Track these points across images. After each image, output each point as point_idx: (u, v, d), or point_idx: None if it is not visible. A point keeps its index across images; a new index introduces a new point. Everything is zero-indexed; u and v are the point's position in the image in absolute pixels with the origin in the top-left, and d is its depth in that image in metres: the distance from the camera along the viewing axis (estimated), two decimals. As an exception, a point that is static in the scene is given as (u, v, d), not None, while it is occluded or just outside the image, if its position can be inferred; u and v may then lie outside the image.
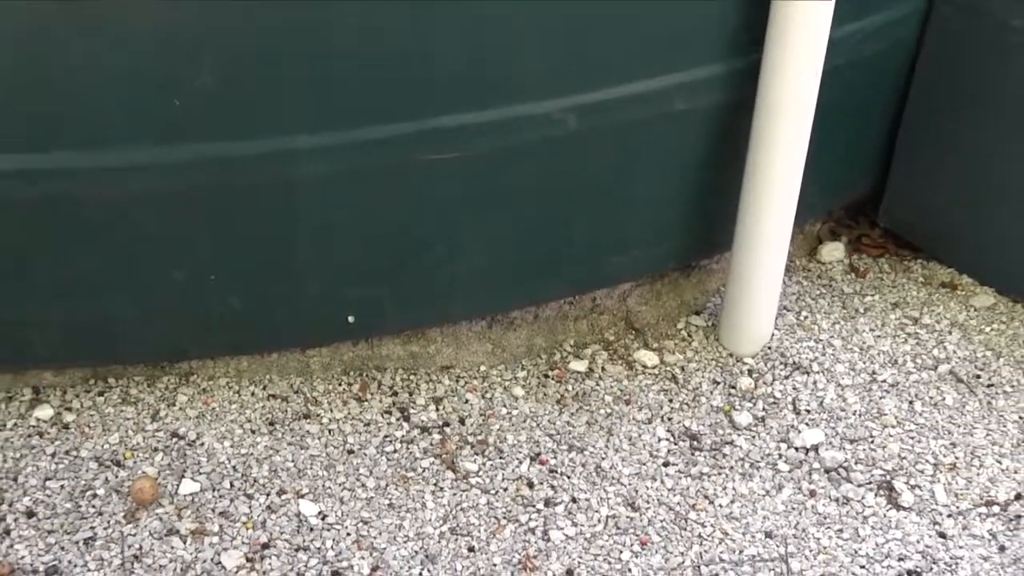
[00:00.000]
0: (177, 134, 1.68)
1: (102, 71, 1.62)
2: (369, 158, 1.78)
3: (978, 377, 2.07)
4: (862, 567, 1.75)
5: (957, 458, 1.93)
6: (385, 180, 1.81)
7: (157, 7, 1.57)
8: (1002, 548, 1.79)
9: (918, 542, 1.79)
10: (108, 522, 1.76)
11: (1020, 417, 2.00)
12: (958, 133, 2.11)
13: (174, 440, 1.91)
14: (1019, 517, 1.83)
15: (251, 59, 1.65)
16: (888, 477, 1.89)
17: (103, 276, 1.84)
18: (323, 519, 1.78)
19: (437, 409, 1.97)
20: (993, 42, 1.99)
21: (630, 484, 1.86)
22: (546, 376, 2.03)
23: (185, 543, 1.73)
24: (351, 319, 1.95)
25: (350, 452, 1.89)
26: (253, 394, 2.00)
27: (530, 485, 1.85)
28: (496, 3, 1.69)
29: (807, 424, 1.97)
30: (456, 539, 1.76)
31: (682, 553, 1.76)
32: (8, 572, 1.70)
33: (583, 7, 1.73)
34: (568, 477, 1.87)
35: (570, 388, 2.02)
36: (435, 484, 1.85)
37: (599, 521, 1.81)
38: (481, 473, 1.87)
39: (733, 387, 2.02)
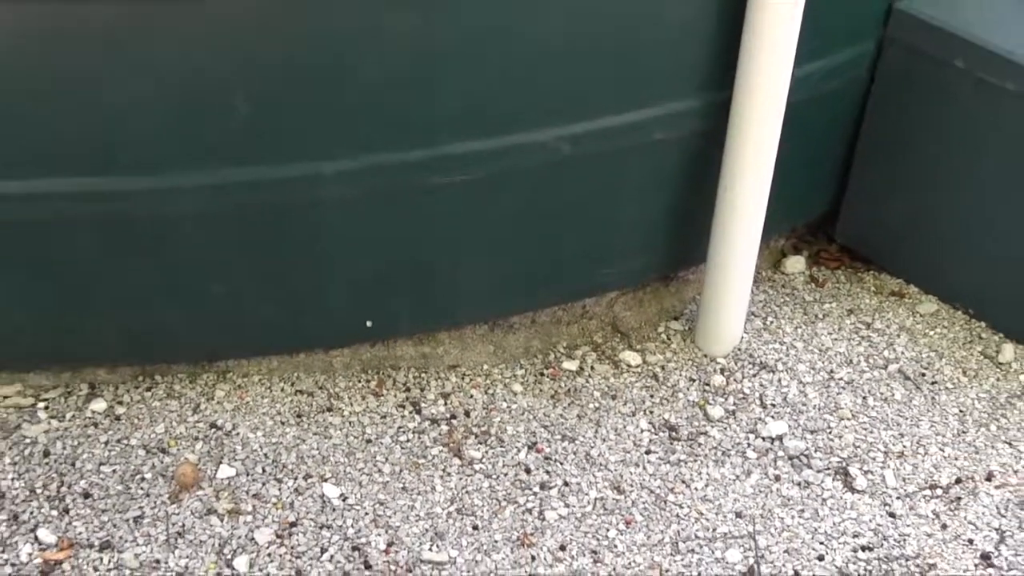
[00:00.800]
0: (216, 160, 1.68)
1: (153, 105, 1.61)
2: (385, 181, 1.77)
3: (923, 375, 2.07)
4: (821, 543, 1.76)
5: (905, 447, 1.93)
6: (399, 201, 1.80)
7: (201, 52, 1.58)
8: (944, 526, 1.80)
9: (870, 521, 1.80)
10: (154, 502, 1.77)
11: (960, 410, 2.00)
12: (906, 160, 2.11)
13: (212, 430, 1.91)
14: (959, 499, 1.84)
15: (281, 95, 1.65)
16: (844, 464, 1.89)
17: (153, 286, 1.83)
18: (344, 500, 1.79)
19: (445, 403, 1.97)
20: (936, 79, 1.99)
21: (616, 470, 1.87)
22: (542, 374, 2.04)
23: (222, 521, 1.74)
24: (369, 324, 1.94)
25: (368, 441, 1.89)
26: (282, 390, 1.99)
27: (527, 471, 1.85)
28: (499, 47, 1.69)
29: (772, 417, 1.97)
30: (462, 518, 1.77)
31: (662, 531, 1.77)
32: (67, 546, 1.68)
33: (576, 49, 1.73)
34: (561, 464, 1.87)
35: (563, 385, 2.01)
36: (443, 470, 1.85)
37: (588, 503, 1.81)
38: (484, 460, 1.87)
39: (707, 384, 2.03)
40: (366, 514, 1.76)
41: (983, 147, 1.98)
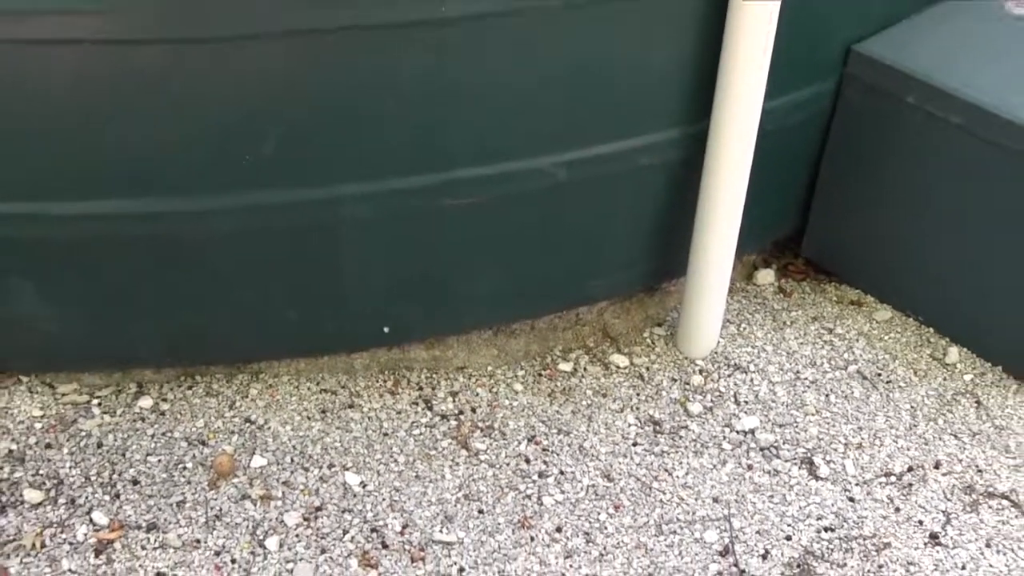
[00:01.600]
0: (250, 186, 1.68)
1: (196, 137, 1.62)
2: (401, 203, 1.76)
3: (879, 375, 2.07)
4: (789, 525, 1.77)
5: (863, 439, 1.93)
6: (414, 220, 1.80)
7: (238, 92, 1.58)
8: (897, 509, 1.81)
9: (832, 505, 1.81)
10: (195, 489, 1.78)
11: (911, 406, 2.00)
12: (863, 184, 2.11)
13: (247, 424, 1.91)
14: (911, 485, 1.85)
15: (308, 130, 1.65)
16: (809, 454, 1.90)
17: (194, 296, 1.83)
18: (364, 487, 1.79)
19: (454, 401, 1.97)
20: (890, 113, 2.00)
21: (606, 460, 1.87)
22: (540, 375, 2.03)
23: (255, 506, 1.75)
24: (386, 330, 1.93)
25: (385, 435, 1.89)
26: (308, 388, 1.98)
27: (527, 461, 1.85)
28: (502, 88, 1.69)
29: (745, 412, 1.97)
30: (469, 503, 1.77)
31: (647, 515, 1.77)
32: (118, 527, 1.70)
33: (571, 88, 1.74)
34: (557, 454, 1.87)
35: (559, 384, 2.01)
36: (452, 460, 1.85)
37: (582, 489, 1.81)
38: (488, 451, 1.87)
39: (687, 383, 2.03)
40: (383, 499, 1.77)
41: (930, 173, 1.99)
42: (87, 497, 1.75)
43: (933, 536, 1.76)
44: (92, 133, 1.58)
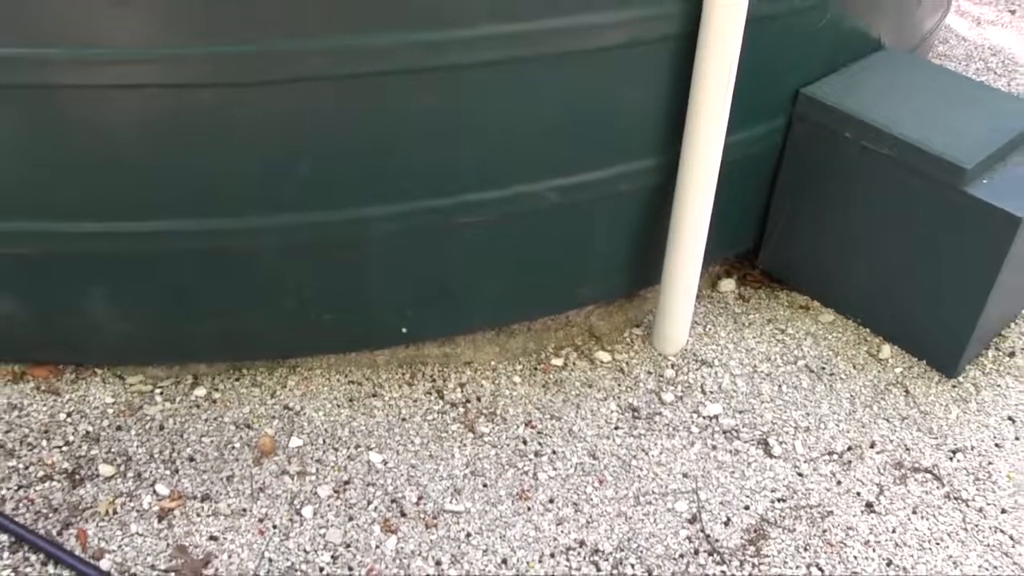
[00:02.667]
0: (289, 206, 1.68)
1: (241, 165, 1.62)
2: (418, 222, 1.76)
3: (823, 369, 2.07)
4: (747, 496, 1.78)
5: (810, 423, 1.94)
6: (428, 237, 1.80)
7: (277, 127, 1.59)
8: (839, 483, 1.82)
9: (784, 479, 1.82)
10: (242, 465, 1.79)
11: (851, 395, 2.01)
12: (809, 205, 2.12)
13: (285, 411, 1.91)
14: (850, 462, 1.86)
15: (339, 160, 1.65)
16: (764, 436, 1.91)
17: (242, 301, 1.83)
18: (385, 464, 1.80)
19: (462, 391, 1.97)
20: (831, 146, 2.00)
21: (591, 441, 1.87)
22: (535, 368, 2.04)
23: (293, 480, 1.76)
24: (404, 330, 1.93)
25: (403, 420, 1.89)
26: (338, 380, 1.98)
27: (524, 442, 1.86)
28: (504, 124, 1.69)
29: (711, 400, 1.98)
30: (475, 478, 1.78)
31: (627, 488, 1.79)
32: (177, 497, 1.72)
33: (562, 125, 1.74)
34: (550, 437, 1.88)
35: (551, 377, 2.02)
36: (460, 441, 1.85)
37: (571, 466, 1.82)
38: (491, 434, 1.88)
39: (661, 376, 2.03)
40: (402, 475, 1.78)
41: (865, 196, 2.00)
42: (151, 472, 1.77)
43: (868, 505, 1.78)
44: (157, 164, 1.59)
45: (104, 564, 1.60)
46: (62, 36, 1.43)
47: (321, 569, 1.59)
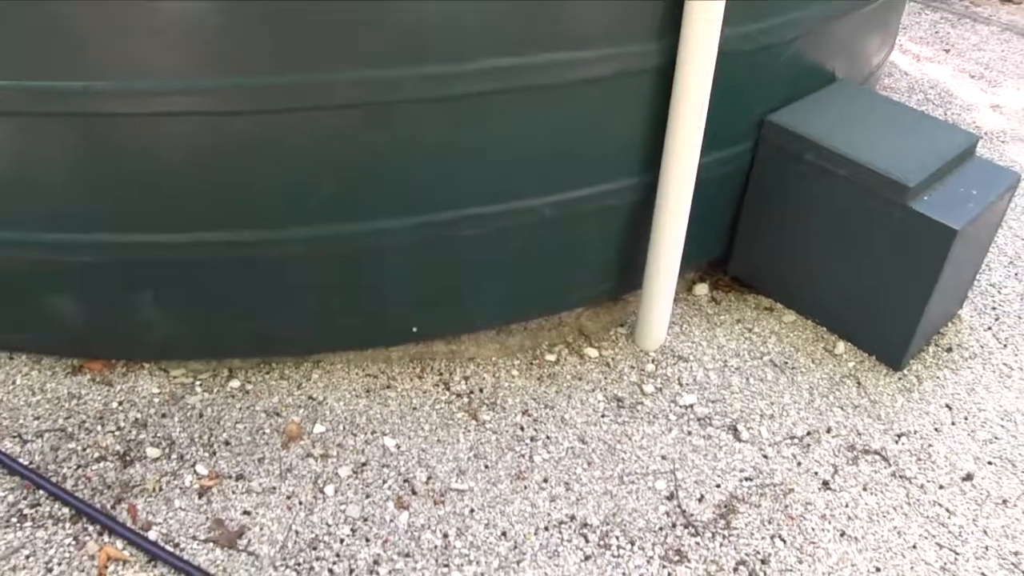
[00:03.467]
0: (315, 219, 1.68)
1: (274, 183, 1.63)
2: (428, 233, 1.76)
3: (786, 363, 2.08)
4: (718, 476, 1.79)
5: (774, 411, 1.95)
6: (438, 246, 1.80)
7: (304, 149, 1.59)
8: (799, 463, 1.83)
9: (751, 461, 1.83)
10: (272, 449, 1.79)
11: (810, 386, 2.01)
12: (774, 219, 2.12)
13: (310, 401, 1.91)
14: (809, 445, 1.87)
15: (359, 179, 1.65)
16: (734, 423, 1.91)
17: (271, 303, 1.82)
18: (398, 448, 1.80)
19: (466, 383, 1.97)
20: (793, 166, 2.01)
21: (581, 428, 1.88)
22: (531, 363, 2.04)
23: (316, 462, 1.76)
24: (415, 329, 1.93)
25: (414, 408, 1.89)
26: (356, 374, 1.98)
27: (521, 429, 1.86)
28: (504, 148, 1.70)
29: (686, 391, 1.98)
30: (478, 460, 1.79)
31: (612, 469, 1.79)
32: (215, 476, 1.72)
33: (555, 148, 1.74)
34: (544, 424, 1.88)
35: (546, 371, 2.02)
36: (464, 428, 1.86)
37: (563, 450, 1.82)
38: (492, 421, 1.88)
39: (643, 370, 2.03)
40: (413, 457, 1.78)
41: (822, 211, 2.01)
42: (192, 454, 1.77)
43: (825, 483, 1.79)
44: (198, 183, 1.61)
45: (152, 535, 1.62)
46: (115, 72, 1.46)
47: (342, 540, 1.61)
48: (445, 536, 1.63)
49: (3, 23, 1.41)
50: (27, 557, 1.56)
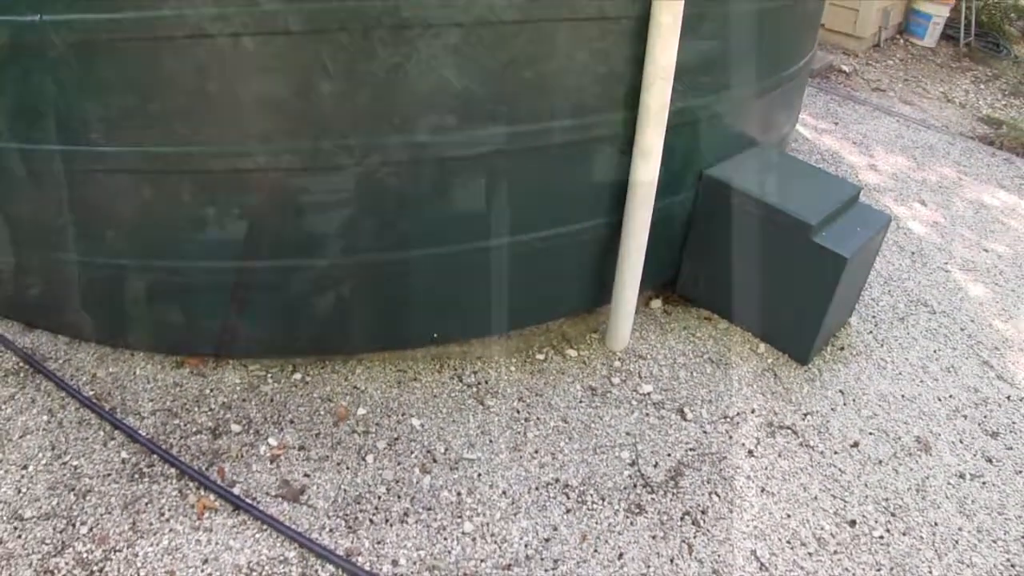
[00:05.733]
0: (358, 249, 1.68)
1: (329, 223, 1.61)
2: (446, 260, 1.77)
3: (721, 360, 2.10)
4: (670, 447, 1.82)
5: (712, 397, 1.98)
6: (453, 270, 1.81)
7: (352, 197, 1.60)
8: (731, 437, 1.87)
9: (694, 436, 1.86)
10: (325, 426, 1.81)
11: (738, 378, 2.03)
12: (710, 248, 2.11)
13: (355, 390, 1.92)
14: (738, 423, 1.90)
15: (393, 215, 1.63)
16: (681, 406, 1.93)
17: (328, 316, 1.81)
18: (422, 426, 1.81)
19: (475, 376, 1.97)
20: (724, 208, 2.02)
21: (564, 411, 1.89)
22: (525, 361, 2.03)
23: (359, 437, 1.78)
24: (435, 335, 1.94)
25: (435, 396, 1.90)
26: (390, 369, 1.99)
27: (517, 412, 1.87)
28: (509, 198, 1.72)
29: (645, 383, 1.99)
30: (484, 436, 1.80)
31: (588, 442, 1.81)
32: (282, 447, 1.73)
33: (542, 196, 1.76)
34: (535, 408, 1.89)
35: (536, 367, 2.02)
36: (473, 411, 1.86)
37: (550, 428, 1.84)
38: (495, 406, 1.89)
39: (611, 366, 2.04)
40: (434, 434, 1.80)
41: (745, 243, 2.02)
42: (265, 430, 1.79)
43: (750, 452, 1.83)
44: (273, 222, 1.62)
45: (236, 490, 1.65)
46: (216, 138, 1.52)
47: (379, 496, 1.64)
48: (459, 494, 1.66)
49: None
50: (146, 504, 1.60)
